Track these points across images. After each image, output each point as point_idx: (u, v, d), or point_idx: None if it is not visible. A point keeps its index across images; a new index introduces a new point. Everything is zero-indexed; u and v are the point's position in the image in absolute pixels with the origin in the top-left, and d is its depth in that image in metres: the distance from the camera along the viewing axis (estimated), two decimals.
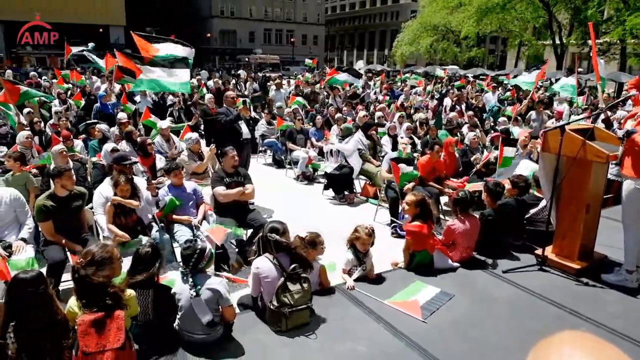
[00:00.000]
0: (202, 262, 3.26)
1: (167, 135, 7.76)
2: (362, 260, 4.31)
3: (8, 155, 6.11)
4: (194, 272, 3.23)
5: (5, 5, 36.90)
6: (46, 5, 38.40)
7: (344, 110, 11.85)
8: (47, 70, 23.54)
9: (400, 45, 42.70)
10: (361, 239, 4.26)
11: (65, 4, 39.83)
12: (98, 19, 41.66)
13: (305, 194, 8.45)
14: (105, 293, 2.74)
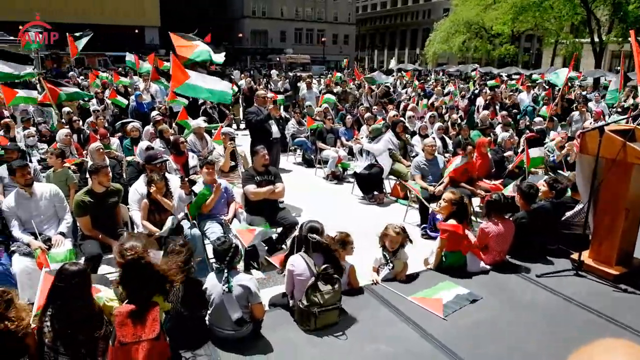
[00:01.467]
0: (236, 258, 3.31)
1: (201, 134, 7.90)
2: (389, 260, 4.29)
3: (49, 152, 6.33)
4: (229, 269, 3.28)
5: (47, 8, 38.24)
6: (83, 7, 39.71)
7: (375, 109, 11.78)
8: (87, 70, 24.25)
9: (432, 44, 42.18)
10: (389, 237, 4.25)
11: (102, 5, 41.03)
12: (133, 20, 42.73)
13: (334, 194, 8.45)
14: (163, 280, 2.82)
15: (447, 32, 40.42)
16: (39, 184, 4.98)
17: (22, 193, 4.66)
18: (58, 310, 2.74)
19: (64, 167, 6.06)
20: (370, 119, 9.98)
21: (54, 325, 2.70)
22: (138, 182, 5.15)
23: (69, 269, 2.82)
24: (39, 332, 2.72)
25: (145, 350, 2.64)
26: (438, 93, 15.90)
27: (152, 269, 2.84)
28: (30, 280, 4.17)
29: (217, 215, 5.33)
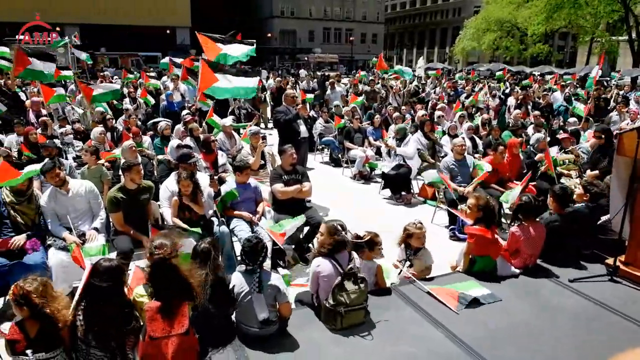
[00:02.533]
0: (266, 258, 3.32)
1: (230, 132, 8.00)
2: (409, 257, 4.29)
3: (84, 149, 6.53)
4: (261, 268, 3.29)
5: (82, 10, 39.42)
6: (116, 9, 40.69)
7: (403, 109, 11.69)
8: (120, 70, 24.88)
9: (462, 42, 41.53)
10: (415, 234, 4.24)
11: (134, 7, 41.95)
12: (165, 21, 43.55)
13: (361, 193, 8.43)
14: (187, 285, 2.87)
15: (477, 30, 39.72)
16: (74, 180, 5.13)
17: (58, 190, 4.80)
18: (91, 304, 2.82)
19: (98, 164, 6.24)
20: (398, 118, 9.92)
21: (87, 319, 2.78)
22: (169, 180, 5.24)
23: (104, 264, 2.90)
24: (72, 325, 2.80)
25: (175, 344, 2.69)
26: (467, 92, 15.67)
27: (176, 272, 2.88)
28: (65, 274, 4.31)
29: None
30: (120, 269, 2.94)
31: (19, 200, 4.50)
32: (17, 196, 4.50)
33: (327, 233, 3.63)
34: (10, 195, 4.48)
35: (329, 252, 3.59)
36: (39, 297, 2.69)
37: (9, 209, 4.44)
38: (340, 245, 3.60)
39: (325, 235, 3.64)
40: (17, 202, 4.49)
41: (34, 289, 2.69)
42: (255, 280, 3.23)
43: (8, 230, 4.43)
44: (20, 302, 2.69)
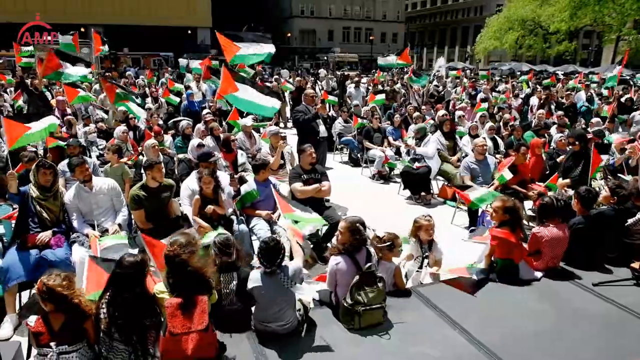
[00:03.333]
0: (284, 258, 3.32)
1: (249, 132, 8.05)
2: (425, 253, 4.29)
3: (107, 148, 6.65)
4: (281, 268, 3.29)
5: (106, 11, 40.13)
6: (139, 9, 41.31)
7: (424, 109, 11.59)
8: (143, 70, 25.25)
9: (484, 40, 40.94)
10: (423, 227, 4.25)
11: (156, 7, 42.52)
12: (186, 21, 44.03)
13: (380, 193, 8.40)
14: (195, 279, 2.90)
15: (499, 29, 39.12)
16: (97, 178, 5.23)
17: (82, 187, 4.91)
18: (114, 298, 2.87)
19: (120, 162, 6.35)
20: (419, 118, 9.85)
21: (109, 312, 2.83)
22: (190, 179, 5.31)
23: (128, 259, 2.95)
24: (96, 318, 2.85)
25: (195, 341, 2.72)
26: (485, 91, 15.45)
27: (187, 268, 2.91)
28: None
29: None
30: (143, 263, 2.99)
31: (45, 196, 4.60)
32: (44, 192, 4.61)
33: (347, 230, 3.59)
34: (37, 191, 4.59)
35: (348, 249, 3.58)
36: (63, 290, 2.75)
37: (36, 204, 4.55)
38: (361, 243, 3.59)
39: (345, 233, 3.60)
40: (44, 197, 4.59)
41: (58, 284, 2.75)
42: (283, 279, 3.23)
43: (34, 226, 4.55)
44: (45, 296, 2.75)
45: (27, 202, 4.55)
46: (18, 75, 13.79)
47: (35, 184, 4.61)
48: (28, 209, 4.56)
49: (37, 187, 4.61)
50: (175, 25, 42.96)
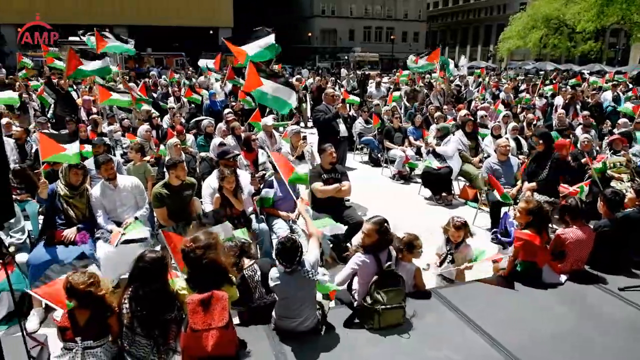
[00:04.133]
0: (302, 257, 3.32)
1: (270, 131, 8.09)
2: (450, 251, 4.28)
3: (130, 147, 6.76)
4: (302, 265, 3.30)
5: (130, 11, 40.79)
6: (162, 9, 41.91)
7: (445, 109, 11.49)
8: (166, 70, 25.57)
9: (507, 40, 40.27)
10: (450, 232, 4.30)
11: (179, 8, 43.03)
12: (208, 21, 44.44)
13: (401, 194, 8.35)
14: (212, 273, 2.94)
15: (523, 27, 38.41)
16: (121, 176, 5.33)
17: (107, 184, 5.02)
18: (135, 293, 2.92)
19: (143, 160, 6.45)
20: (440, 118, 9.75)
21: (132, 307, 2.88)
22: (211, 177, 5.36)
23: (149, 255, 3.00)
24: (118, 313, 2.91)
25: (215, 337, 2.75)
26: (507, 91, 15.21)
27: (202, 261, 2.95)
28: (112, 265, 4.48)
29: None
30: (164, 260, 3.04)
31: (72, 194, 4.71)
32: (72, 190, 4.72)
33: (374, 232, 3.55)
34: (65, 189, 4.70)
35: (372, 248, 3.56)
36: (88, 287, 2.81)
37: (63, 202, 4.66)
38: (388, 243, 3.55)
39: (373, 234, 3.56)
40: (71, 195, 4.71)
41: (82, 281, 2.81)
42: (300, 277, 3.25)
43: (61, 222, 4.66)
44: (69, 293, 2.82)
45: (54, 200, 4.67)
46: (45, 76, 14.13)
47: (63, 182, 4.72)
48: (55, 207, 4.68)
49: (65, 186, 4.72)
50: (197, 25, 43.43)
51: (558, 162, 6.09)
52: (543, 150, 6.19)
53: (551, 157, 6.09)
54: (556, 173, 6.07)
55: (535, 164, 6.22)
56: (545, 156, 6.12)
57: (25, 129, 7.88)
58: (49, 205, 4.71)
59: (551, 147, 6.24)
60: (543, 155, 6.16)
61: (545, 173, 6.05)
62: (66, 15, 36.70)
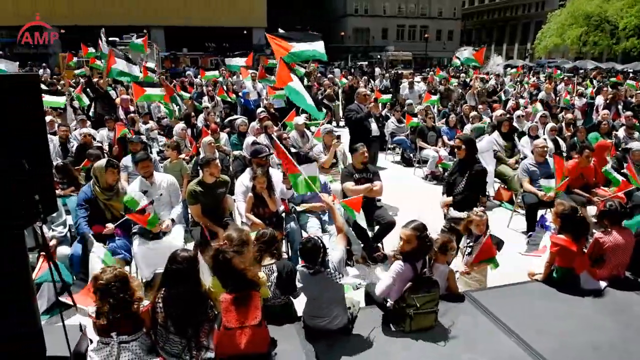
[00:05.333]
0: (327, 257, 3.29)
1: (302, 130, 8.12)
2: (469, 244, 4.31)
3: (167, 145, 6.91)
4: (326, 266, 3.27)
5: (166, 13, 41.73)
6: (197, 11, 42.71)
7: (480, 108, 11.27)
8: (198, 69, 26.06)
9: (544, 38, 39.10)
10: (474, 221, 4.27)
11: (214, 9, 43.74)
12: (243, 21, 45.01)
13: (433, 194, 8.17)
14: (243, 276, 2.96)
15: (561, 25, 37.23)
16: (157, 173, 5.46)
17: (144, 181, 5.15)
18: (169, 292, 2.97)
19: (179, 158, 6.59)
20: (475, 117, 9.58)
21: (166, 305, 2.94)
22: (244, 175, 5.43)
23: (182, 254, 3.04)
24: (153, 311, 2.97)
25: (248, 335, 2.78)
26: (548, 91, 14.77)
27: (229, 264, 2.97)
28: (147, 261, 4.61)
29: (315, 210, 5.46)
30: (196, 259, 3.08)
31: (108, 195, 4.81)
32: (107, 192, 4.81)
33: (412, 235, 3.45)
34: (101, 192, 4.78)
35: (411, 255, 3.46)
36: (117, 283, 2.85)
37: (101, 204, 4.76)
38: (427, 249, 3.46)
39: (413, 240, 3.44)
40: (108, 197, 4.79)
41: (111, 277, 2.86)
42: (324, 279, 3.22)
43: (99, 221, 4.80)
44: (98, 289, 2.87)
45: (94, 202, 4.75)
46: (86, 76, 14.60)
47: (98, 186, 4.78)
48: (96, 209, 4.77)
49: (100, 189, 4.78)
50: (232, 26, 44.05)
51: (477, 174, 5.26)
52: (464, 157, 5.38)
53: (472, 168, 5.26)
54: (472, 187, 5.22)
55: (455, 174, 5.42)
56: (467, 164, 5.36)
57: (67, 127, 8.19)
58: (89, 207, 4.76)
59: (474, 155, 5.44)
60: (464, 164, 5.38)
61: (462, 186, 5.25)
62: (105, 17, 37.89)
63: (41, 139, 2.55)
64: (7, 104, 2.25)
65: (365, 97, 7.92)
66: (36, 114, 2.53)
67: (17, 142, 2.29)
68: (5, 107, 2.24)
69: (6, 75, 2.50)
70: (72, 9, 38.85)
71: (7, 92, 2.29)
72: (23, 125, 2.35)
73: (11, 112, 2.26)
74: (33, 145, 2.41)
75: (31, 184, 2.32)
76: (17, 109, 2.30)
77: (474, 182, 5.22)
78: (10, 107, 2.26)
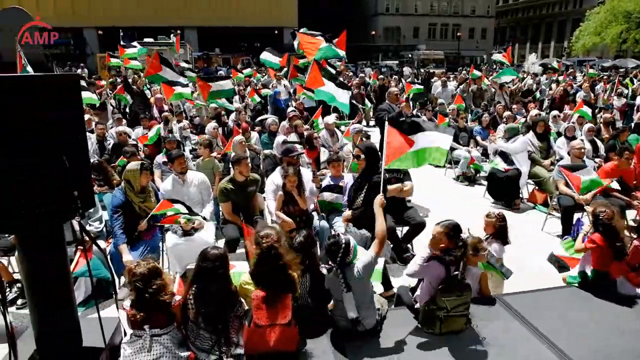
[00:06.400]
0: (348, 256, 3.26)
1: (332, 130, 8.13)
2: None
3: (199, 143, 7.03)
4: (342, 267, 3.25)
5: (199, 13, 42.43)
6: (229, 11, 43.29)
7: (514, 108, 11.01)
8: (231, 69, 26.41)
9: (582, 36, 37.84)
10: (485, 222, 4.19)
11: (246, 9, 44.22)
12: (273, 22, 45.30)
13: (465, 196, 8.09)
14: (286, 275, 2.98)
15: (600, 22, 35.96)
16: (190, 171, 5.56)
17: (177, 179, 5.26)
18: (199, 289, 3.02)
19: (210, 156, 6.69)
20: (510, 118, 9.38)
21: (197, 301, 2.99)
22: (274, 174, 5.47)
23: (212, 252, 3.09)
24: (184, 307, 3.03)
25: (278, 333, 2.80)
26: (587, 90, 14.31)
27: (280, 261, 2.98)
28: (179, 257, 4.70)
29: (345, 209, 5.44)
30: (226, 256, 3.11)
31: (142, 197, 4.84)
32: (141, 194, 4.84)
33: (442, 232, 3.40)
34: (134, 196, 4.81)
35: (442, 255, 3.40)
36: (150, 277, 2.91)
37: (136, 207, 4.80)
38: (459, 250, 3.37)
39: (443, 237, 3.39)
40: (142, 199, 4.84)
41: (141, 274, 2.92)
42: (340, 280, 3.21)
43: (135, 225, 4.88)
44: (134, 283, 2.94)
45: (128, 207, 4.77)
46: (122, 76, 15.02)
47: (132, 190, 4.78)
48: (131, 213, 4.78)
49: (134, 193, 4.79)
50: (263, 25, 44.45)
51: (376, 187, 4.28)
52: (366, 167, 4.94)
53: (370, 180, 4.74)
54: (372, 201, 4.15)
55: (356, 186, 4.94)
56: (366, 177, 4.87)
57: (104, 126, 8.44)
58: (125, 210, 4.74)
59: (375, 165, 4.84)
60: (364, 176, 4.92)
61: (361, 198, 4.78)
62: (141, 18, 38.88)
63: (81, 136, 2.64)
64: (50, 103, 2.33)
65: (396, 97, 7.85)
66: (77, 112, 2.61)
67: (58, 140, 2.37)
68: (48, 105, 2.33)
69: (49, 75, 2.59)
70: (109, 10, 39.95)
71: (51, 91, 2.37)
72: (64, 123, 2.43)
73: (53, 110, 2.35)
74: (73, 142, 2.50)
75: (71, 180, 2.40)
76: (59, 107, 2.39)
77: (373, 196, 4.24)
78: (52, 106, 2.35)
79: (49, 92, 2.36)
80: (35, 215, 2.35)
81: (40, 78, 2.47)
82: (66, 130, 2.44)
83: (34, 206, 2.33)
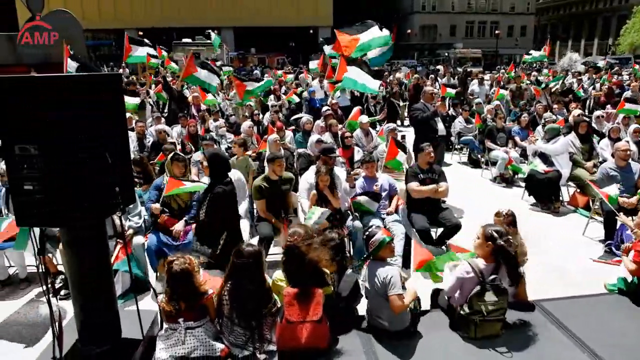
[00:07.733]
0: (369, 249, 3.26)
1: (366, 129, 8.09)
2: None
3: (234, 141, 7.13)
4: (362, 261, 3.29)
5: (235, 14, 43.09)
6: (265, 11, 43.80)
7: (555, 108, 10.66)
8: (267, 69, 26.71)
9: (629, 33, 36.31)
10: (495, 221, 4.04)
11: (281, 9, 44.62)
12: (308, 21, 45.55)
13: (502, 198, 7.89)
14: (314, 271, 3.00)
15: None
16: None
17: None
18: (234, 285, 3.07)
19: (245, 155, 6.77)
20: (549, 119, 9.10)
21: (232, 297, 3.03)
22: (308, 173, 5.49)
23: (246, 249, 3.13)
24: (219, 302, 3.08)
25: (309, 330, 2.82)
26: (635, 89, 13.69)
27: (304, 258, 3.00)
28: None
29: (379, 210, 5.42)
30: (260, 253, 3.15)
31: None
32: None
33: (483, 239, 3.33)
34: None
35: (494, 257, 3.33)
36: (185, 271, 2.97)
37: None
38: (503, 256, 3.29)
39: (482, 241, 3.34)
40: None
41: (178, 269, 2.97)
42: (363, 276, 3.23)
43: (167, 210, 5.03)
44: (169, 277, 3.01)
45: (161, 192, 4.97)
46: (161, 76, 15.37)
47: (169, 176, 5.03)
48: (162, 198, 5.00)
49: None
50: (298, 25, 44.72)
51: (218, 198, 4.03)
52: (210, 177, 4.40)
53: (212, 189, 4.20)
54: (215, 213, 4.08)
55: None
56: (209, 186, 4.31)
57: (144, 124, 8.68)
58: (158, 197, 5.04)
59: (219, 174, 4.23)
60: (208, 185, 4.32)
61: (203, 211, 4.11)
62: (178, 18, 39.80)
63: (122, 134, 2.72)
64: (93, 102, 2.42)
65: (431, 96, 7.74)
66: (118, 110, 2.70)
67: (101, 137, 2.45)
68: (92, 103, 2.41)
69: (93, 75, 2.68)
70: (149, 12, 41.12)
71: (95, 90, 2.46)
72: (106, 121, 2.51)
73: (96, 109, 2.43)
74: (115, 139, 2.58)
75: (112, 176, 2.49)
76: (102, 106, 2.47)
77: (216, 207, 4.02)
78: (96, 104, 2.43)
79: (92, 92, 2.44)
80: (82, 209, 2.43)
81: (85, 78, 2.56)
82: (109, 128, 2.52)
83: (80, 201, 2.41)
